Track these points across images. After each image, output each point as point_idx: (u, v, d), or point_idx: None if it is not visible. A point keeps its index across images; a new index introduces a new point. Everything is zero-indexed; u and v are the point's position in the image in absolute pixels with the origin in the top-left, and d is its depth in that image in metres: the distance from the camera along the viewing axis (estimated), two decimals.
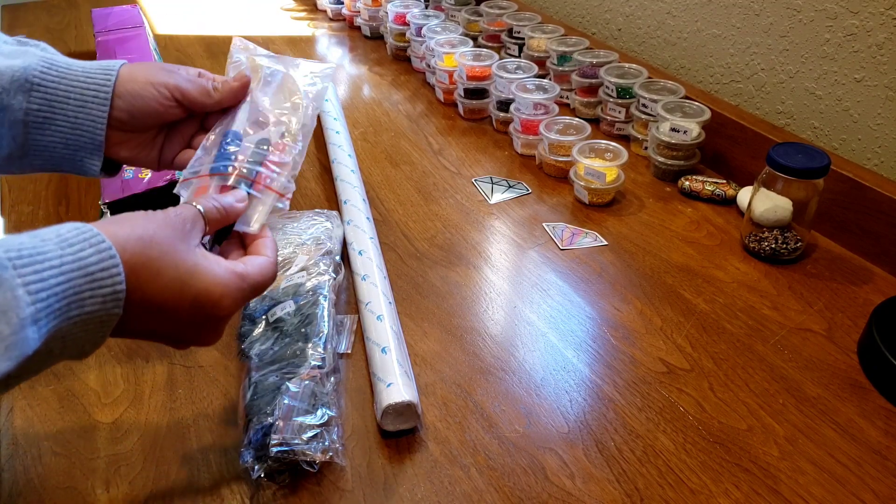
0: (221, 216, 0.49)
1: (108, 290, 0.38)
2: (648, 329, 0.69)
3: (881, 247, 0.77)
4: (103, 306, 0.38)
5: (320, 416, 0.55)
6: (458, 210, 0.88)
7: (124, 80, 0.52)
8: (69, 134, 0.51)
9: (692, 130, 0.89)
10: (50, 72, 0.50)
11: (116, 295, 0.39)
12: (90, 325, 0.38)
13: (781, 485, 0.55)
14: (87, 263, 0.37)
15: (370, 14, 1.38)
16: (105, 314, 0.38)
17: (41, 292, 0.35)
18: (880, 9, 0.78)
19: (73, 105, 0.50)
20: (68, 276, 0.37)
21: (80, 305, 0.37)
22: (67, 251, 0.37)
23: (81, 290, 0.37)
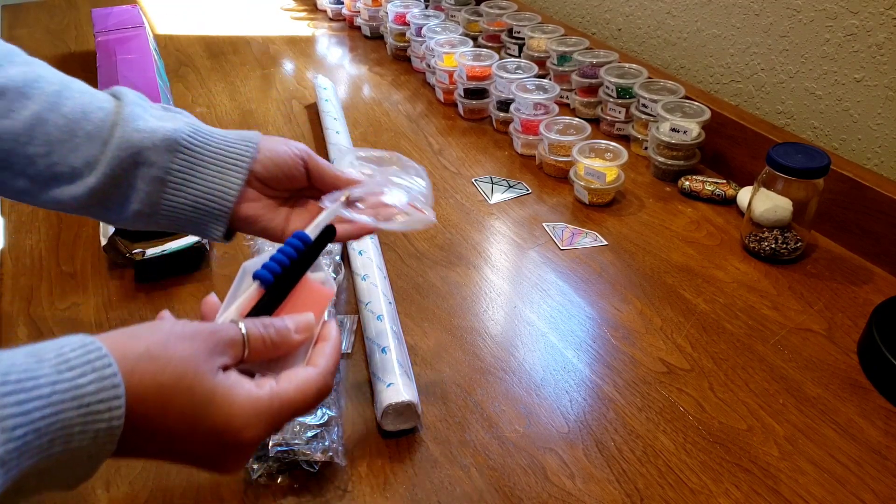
0: (267, 346, 0.41)
1: (104, 427, 0.33)
2: (648, 329, 0.69)
3: (881, 247, 0.77)
4: (94, 442, 0.33)
5: (320, 416, 0.55)
6: (458, 210, 0.88)
7: (267, 140, 0.54)
8: (202, 198, 0.51)
9: (692, 130, 0.89)
10: (196, 136, 0.51)
11: (112, 431, 0.33)
12: (77, 460, 0.33)
13: (781, 485, 0.55)
14: (83, 393, 0.32)
15: (370, 14, 1.38)
16: (96, 451, 0.33)
17: (18, 429, 0.29)
18: (880, 9, 0.78)
19: (213, 170, 0.51)
20: (57, 409, 0.31)
21: (67, 441, 0.32)
22: (64, 376, 0.32)
23: (71, 423, 0.31)
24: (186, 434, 0.36)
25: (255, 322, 0.41)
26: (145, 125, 0.50)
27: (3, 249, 0.82)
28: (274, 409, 0.39)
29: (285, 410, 0.39)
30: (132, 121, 0.50)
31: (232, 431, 0.37)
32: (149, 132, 0.49)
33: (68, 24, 1.53)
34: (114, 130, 0.49)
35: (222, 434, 0.37)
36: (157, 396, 0.35)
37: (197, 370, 0.36)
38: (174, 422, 0.36)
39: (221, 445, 0.38)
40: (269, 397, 0.39)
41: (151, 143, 0.49)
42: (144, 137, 0.49)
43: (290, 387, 0.40)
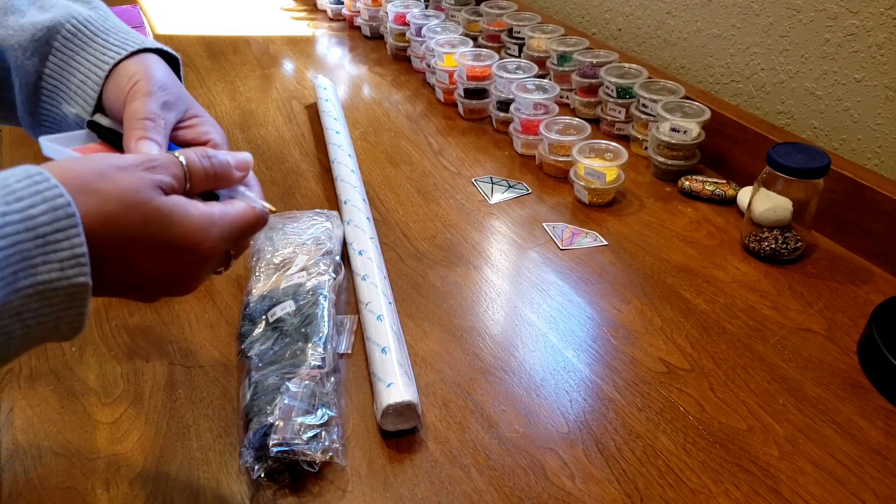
0: (208, 175, 0.42)
1: (66, 255, 0.32)
2: (648, 329, 0.69)
3: (881, 247, 0.77)
4: (62, 273, 0.32)
5: (320, 416, 0.55)
6: (458, 210, 0.88)
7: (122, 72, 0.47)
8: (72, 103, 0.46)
9: (692, 130, 0.89)
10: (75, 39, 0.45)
11: (77, 259, 0.32)
12: (53, 297, 0.32)
13: (781, 485, 0.55)
14: (38, 223, 0.31)
15: (370, 14, 1.38)
16: (69, 284, 0.33)
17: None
18: (880, 9, 0.78)
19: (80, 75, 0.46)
20: (12, 241, 0.31)
21: (32, 274, 0.31)
22: (13, 207, 0.31)
23: (31, 255, 0.31)
24: (147, 256, 0.37)
25: (195, 152, 0.41)
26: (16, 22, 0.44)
27: None
28: (226, 223, 0.41)
29: (235, 231, 0.42)
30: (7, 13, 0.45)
31: (192, 245, 0.38)
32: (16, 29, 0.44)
33: None
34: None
35: (183, 249, 0.38)
36: (109, 225, 0.35)
37: (142, 196, 0.36)
38: (132, 246, 0.36)
39: (184, 263, 0.39)
40: (220, 213, 0.41)
41: (18, 43, 0.44)
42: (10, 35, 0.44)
43: (233, 208, 0.42)
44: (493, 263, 0.79)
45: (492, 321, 0.71)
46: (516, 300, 0.73)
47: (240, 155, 0.45)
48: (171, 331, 0.69)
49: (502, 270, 0.78)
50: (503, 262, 0.79)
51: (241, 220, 0.43)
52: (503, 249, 0.81)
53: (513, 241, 0.82)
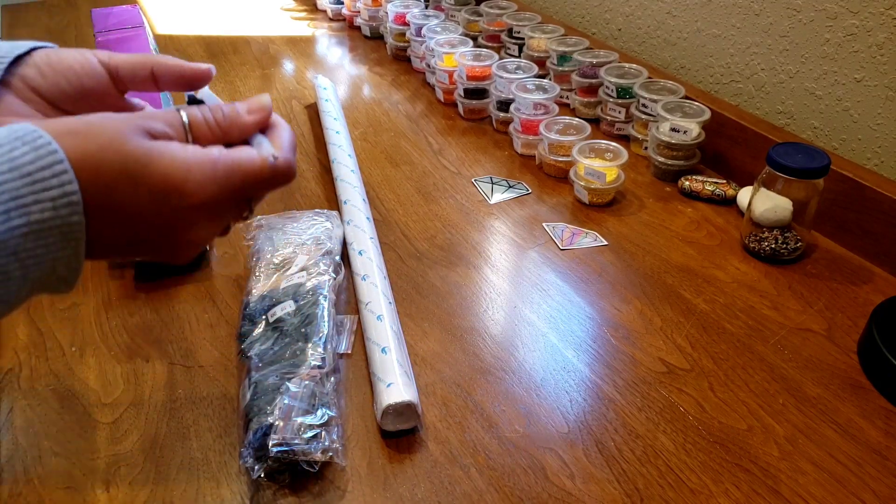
0: (212, 128, 0.39)
1: (57, 192, 0.32)
2: (648, 329, 0.69)
3: (881, 247, 0.77)
4: (55, 213, 0.32)
5: (320, 416, 0.55)
6: (458, 210, 0.88)
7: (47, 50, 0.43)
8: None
9: (692, 130, 0.89)
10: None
11: (68, 197, 0.32)
12: (48, 237, 0.32)
13: (781, 485, 0.55)
14: (21, 163, 0.31)
15: (370, 14, 1.38)
16: (62, 223, 0.32)
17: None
18: (880, 9, 0.78)
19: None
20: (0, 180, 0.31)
21: (25, 213, 0.31)
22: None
23: (21, 194, 0.31)
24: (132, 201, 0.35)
25: (197, 108, 0.39)
26: None
27: None
28: (221, 168, 0.37)
29: (237, 173, 0.38)
30: None
31: (173, 186, 0.36)
32: None
33: (68, 24, 1.53)
34: None
35: (165, 191, 0.35)
36: (89, 167, 0.33)
37: (122, 136, 0.35)
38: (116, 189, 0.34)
39: (172, 208, 0.36)
40: (218, 155, 0.37)
41: None
42: None
43: (243, 153, 0.38)
44: (493, 263, 0.79)
45: (492, 321, 0.71)
46: (516, 300, 0.73)
47: (254, 99, 0.42)
48: (171, 331, 0.69)
49: (502, 270, 0.78)
50: (503, 262, 0.79)
51: (241, 164, 0.38)
52: (503, 249, 0.81)
53: (513, 241, 0.82)
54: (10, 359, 0.66)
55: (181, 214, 0.37)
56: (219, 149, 0.38)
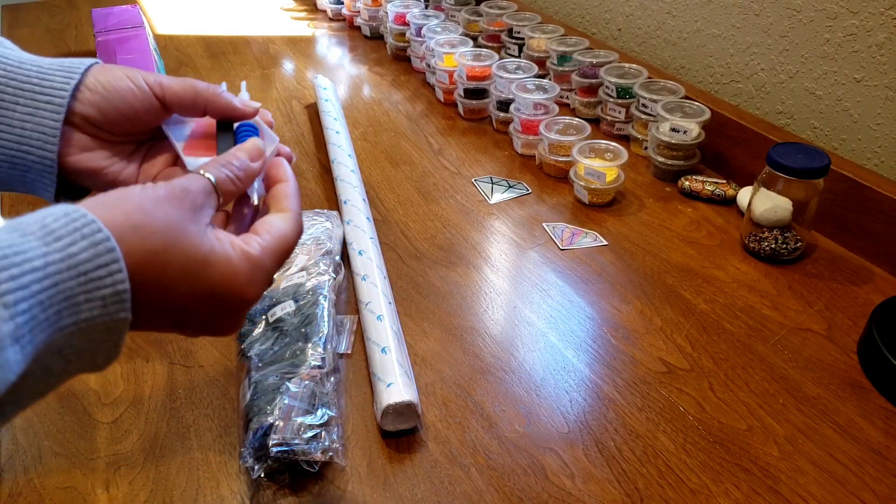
0: (237, 185, 0.40)
1: (109, 291, 0.32)
2: (648, 329, 0.69)
3: (881, 247, 0.77)
4: (104, 310, 0.32)
5: (320, 416, 0.55)
6: (458, 210, 0.88)
7: (95, 73, 0.43)
8: (14, 150, 0.41)
9: (692, 130, 0.89)
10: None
11: (119, 296, 0.32)
12: (93, 333, 0.32)
13: (781, 485, 0.55)
14: (79, 261, 0.31)
15: (370, 14, 1.38)
16: (109, 320, 0.32)
17: (21, 303, 0.29)
18: (880, 9, 0.78)
19: (20, 113, 0.41)
20: (55, 280, 0.30)
21: (75, 312, 0.31)
22: (53, 247, 0.30)
23: (74, 293, 0.31)
24: (187, 299, 0.36)
25: (214, 166, 0.40)
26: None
27: None
28: (267, 262, 0.39)
29: (276, 262, 0.40)
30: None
31: (235, 291, 0.37)
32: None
33: (68, 24, 1.53)
34: None
35: (225, 295, 0.37)
36: (151, 263, 0.34)
37: (186, 232, 0.35)
38: (174, 286, 0.35)
39: (225, 307, 0.38)
40: (261, 252, 0.39)
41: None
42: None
43: (272, 239, 0.40)
44: (493, 263, 0.79)
45: (492, 321, 0.71)
46: (516, 300, 0.73)
47: (245, 146, 0.43)
48: None
49: (502, 270, 0.78)
50: (503, 262, 0.79)
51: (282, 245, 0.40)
52: (503, 249, 0.81)
53: (513, 241, 0.82)
54: None
55: (233, 310, 0.38)
56: (258, 242, 0.39)
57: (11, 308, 0.28)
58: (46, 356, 0.31)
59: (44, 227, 0.31)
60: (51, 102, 0.41)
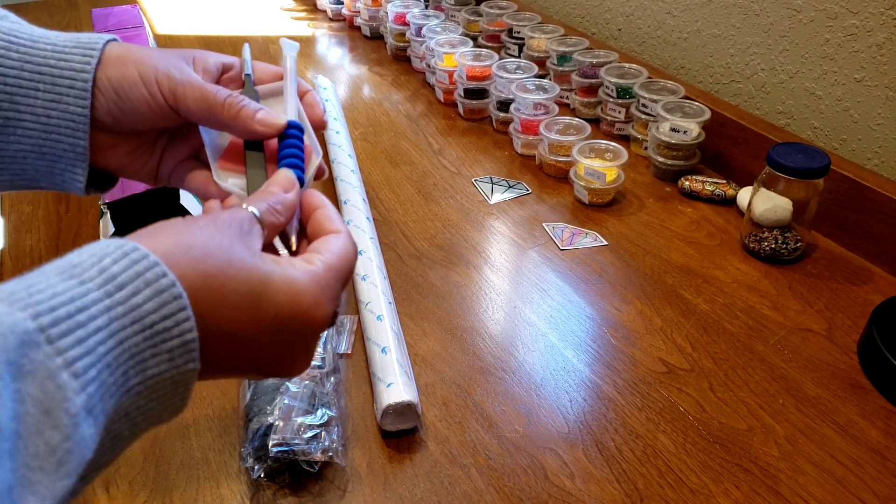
0: (278, 219, 0.36)
1: (177, 343, 0.29)
2: (648, 329, 0.69)
3: (881, 247, 0.77)
4: (171, 364, 0.29)
5: (320, 416, 0.55)
6: (458, 210, 0.88)
7: (110, 64, 0.39)
8: (42, 139, 0.38)
9: (692, 130, 0.89)
10: (10, 53, 0.37)
11: (187, 346, 0.29)
12: (160, 389, 0.29)
13: (781, 485, 0.55)
14: (144, 313, 0.27)
15: (370, 14, 1.38)
16: (177, 373, 0.29)
17: (90, 370, 0.25)
18: (880, 9, 0.78)
19: (43, 99, 0.38)
20: (121, 337, 0.27)
21: (142, 369, 0.28)
22: (116, 298, 0.27)
23: (140, 350, 0.28)
24: (253, 327, 0.32)
25: (257, 200, 0.36)
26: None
27: (3, 249, 0.82)
28: (332, 280, 0.35)
29: (340, 278, 0.36)
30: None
31: (303, 314, 0.33)
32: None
33: (68, 24, 1.53)
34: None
35: (293, 319, 0.33)
36: (209, 288, 0.30)
37: (239, 254, 0.32)
38: (236, 315, 0.31)
39: (294, 333, 0.33)
40: (325, 269, 0.34)
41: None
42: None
43: (334, 256, 0.36)
44: (493, 263, 0.79)
45: (492, 321, 0.71)
46: (516, 300, 0.73)
47: (277, 178, 0.39)
48: None
49: (502, 270, 0.78)
50: (503, 262, 0.79)
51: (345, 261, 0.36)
52: (503, 249, 0.81)
53: (513, 241, 0.82)
54: None
55: (301, 338, 0.34)
56: (320, 259, 0.35)
57: (82, 377, 0.25)
58: (115, 422, 0.28)
59: (103, 272, 0.27)
60: (73, 87, 0.38)
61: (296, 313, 0.33)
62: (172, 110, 0.40)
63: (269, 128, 0.42)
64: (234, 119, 0.41)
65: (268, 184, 0.38)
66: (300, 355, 0.35)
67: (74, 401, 0.24)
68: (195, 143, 0.44)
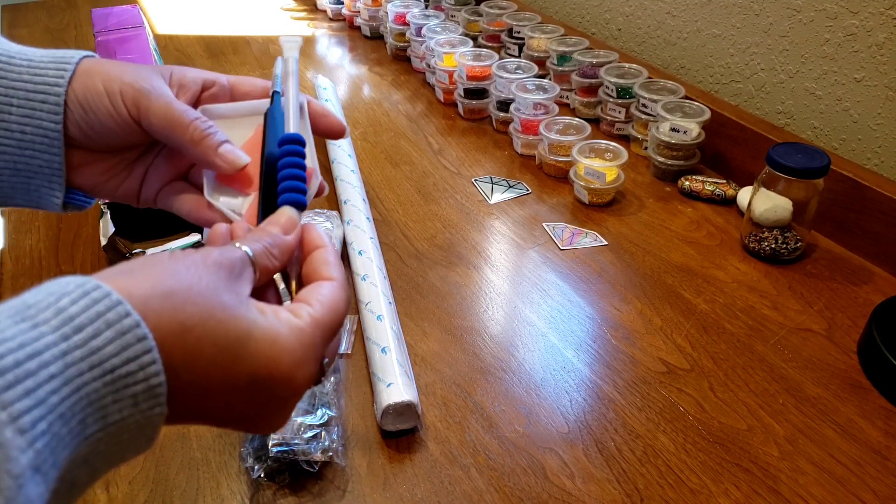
0: (272, 263, 0.34)
1: (141, 388, 0.26)
2: (648, 329, 0.69)
3: (881, 247, 0.77)
4: (135, 409, 0.27)
5: (320, 416, 0.55)
6: (458, 210, 0.88)
7: (79, 77, 0.38)
8: (17, 155, 0.38)
9: (692, 130, 0.89)
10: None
11: (153, 391, 0.27)
12: (122, 434, 0.27)
13: (781, 485, 0.55)
14: (104, 356, 0.25)
15: (370, 14, 1.38)
16: (142, 417, 0.27)
17: (39, 423, 0.23)
18: (880, 9, 0.78)
19: (17, 115, 0.37)
20: (78, 384, 0.25)
21: (101, 417, 0.26)
22: (74, 341, 0.25)
23: (101, 396, 0.25)
24: (226, 386, 0.30)
25: (252, 241, 0.34)
26: None
27: (3, 249, 0.82)
28: (318, 338, 0.32)
29: (326, 335, 0.33)
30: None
31: (281, 376, 0.31)
32: None
33: (68, 24, 1.53)
34: None
35: (270, 382, 0.31)
36: (184, 339, 0.28)
37: (223, 302, 0.29)
38: (209, 370, 0.29)
39: (270, 395, 0.31)
40: (312, 325, 0.32)
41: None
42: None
43: (324, 309, 0.33)
44: (493, 263, 0.79)
45: (492, 321, 0.71)
46: (516, 300, 0.73)
47: (276, 218, 0.36)
48: None
49: (502, 270, 0.78)
50: (503, 262, 0.79)
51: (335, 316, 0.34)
52: (503, 249, 0.81)
53: (513, 241, 0.82)
54: None
55: (280, 398, 0.32)
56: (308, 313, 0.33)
57: (29, 432, 0.23)
58: (71, 470, 0.26)
59: (60, 313, 0.25)
60: (46, 101, 0.37)
61: (273, 374, 0.31)
62: (137, 124, 0.39)
63: (228, 164, 0.40)
64: (195, 144, 0.39)
65: (267, 222, 0.36)
66: (276, 415, 0.33)
67: (19, 460, 0.22)
68: (181, 165, 0.43)
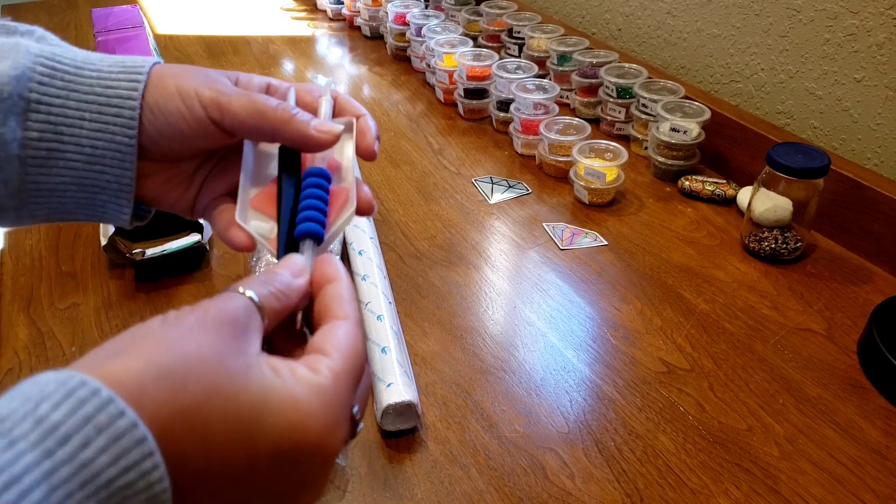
0: (283, 305, 0.31)
1: (142, 498, 0.23)
2: (648, 329, 0.69)
3: (881, 247, 0.77)
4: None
5: None
6: (458, 210, 0.88)
7: (152, 86, 0.37)
8: (85, 170, 0.36)
9: (692, 130, 0.89)
10: (54, 81, 0.35)
11: (156, 499, 0.23)
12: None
13: (781, 485, 0.55)
14: (97, 469, 0.22)
15: (370, 14, 1.38)
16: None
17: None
18: (880, 9, 0.78)
19: (88, 129, 0.35)
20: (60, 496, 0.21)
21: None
22: (59, 457, 0.21)
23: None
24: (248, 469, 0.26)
25: (258, 285, 0.31)
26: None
27: (3, 249, 0.82)
28: (343, 392, 0.29)
29: (351, 384, 0.30)
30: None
31: (311, 443, 0.27)
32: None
33: (68, 24, 1.53)
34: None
35: (297, 452, 0.27)
36: (186, 428, 0.24)
37: (229, 371, 0.26)
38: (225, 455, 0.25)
39: (301, 467, 0.27)
40: (334, 379, 0.28)
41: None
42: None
43: (343, 357, 0.30)
44: (493, 263, 0.79)
45: (492, 321, 0.71)
46: (516, 300, 0.73)
47: (284, 261, 0.34)
48: None
49: (502, 270, 0.78)
50: (503, 262, 0.79)
51: (355, 363, 0.30)
52: (503, 249, 0.81)
53: (513, 241, 0.82)
54: (10, 359, 0.66)
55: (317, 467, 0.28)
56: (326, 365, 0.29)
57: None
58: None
59: (40, 423, 0.21)
60: (120, 115, 0.36)
61: (299, 445, 0.27)
62: (214, 124, 0.37)
63: (325, 134, 0.38)
64: (285, 124, 0.37)
65: (275, 266, 0.33)
66: (312, 486, 0.29)
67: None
68: (235, 179, 0.40)
